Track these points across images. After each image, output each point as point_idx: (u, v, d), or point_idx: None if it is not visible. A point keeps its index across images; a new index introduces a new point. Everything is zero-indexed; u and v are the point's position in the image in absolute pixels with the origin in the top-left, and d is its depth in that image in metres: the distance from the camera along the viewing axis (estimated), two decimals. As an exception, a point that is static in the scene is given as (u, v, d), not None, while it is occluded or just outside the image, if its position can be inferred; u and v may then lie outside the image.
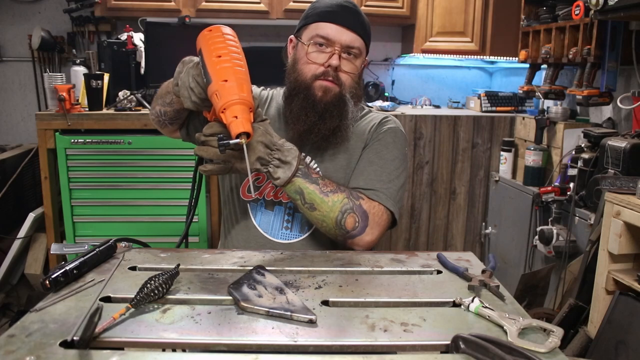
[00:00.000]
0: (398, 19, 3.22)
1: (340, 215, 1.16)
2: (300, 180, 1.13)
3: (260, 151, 1.07)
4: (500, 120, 3.07)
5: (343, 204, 1.16)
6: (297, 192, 1.14)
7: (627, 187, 1.78)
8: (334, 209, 1.16)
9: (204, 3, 2.99)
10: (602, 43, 2.22)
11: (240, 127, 0.94)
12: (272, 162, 1.10)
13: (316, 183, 1.15)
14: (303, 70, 1.24)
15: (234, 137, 0.95)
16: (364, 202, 1.20)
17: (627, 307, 1.73)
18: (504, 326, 0.80)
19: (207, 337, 0.77)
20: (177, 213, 2.59)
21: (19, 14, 3.23)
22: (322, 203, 1.15)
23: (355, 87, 1.27)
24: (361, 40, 1.24)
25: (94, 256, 1.02)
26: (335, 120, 1.24)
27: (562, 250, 2.26)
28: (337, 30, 1.21)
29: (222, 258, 1.10)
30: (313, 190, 1.14)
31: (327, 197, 1.15)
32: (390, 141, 1.31)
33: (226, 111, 0.96)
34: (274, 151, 1.10)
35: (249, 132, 0.95)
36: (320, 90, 1.22)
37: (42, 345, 0.73)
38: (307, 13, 1.29)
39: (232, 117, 0.95)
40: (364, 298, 0.92)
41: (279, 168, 1.11)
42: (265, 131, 1.08)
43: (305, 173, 1.15)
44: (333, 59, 1.21)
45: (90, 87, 2.56)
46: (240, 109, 0.96)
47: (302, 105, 1.23)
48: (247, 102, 0.97)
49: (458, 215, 3.15)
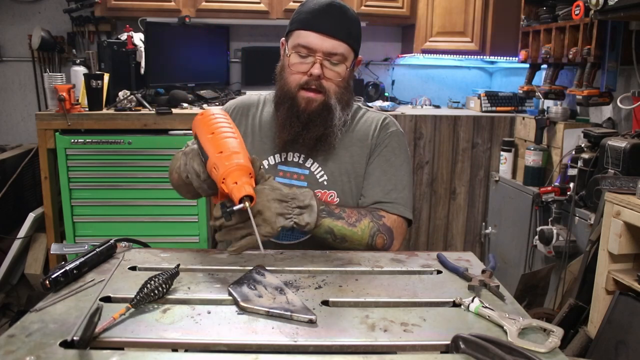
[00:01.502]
0: (398, 19, 3.22)
1: (370, 239, 1.21)
2: (327, 220, 1.16)
3: (277, 208, 1.07)
4: (500, 120, 3.07)
5: (370, 229, 1.21)
6: (327, 232, 1.17)
7: (627, 187, 1.78)
8: (363, 237, 1.20)
9: (204, 3, 2.99)
10: (602, 43, 2.22)
11: (241, 191, 0.95)
12: (293, 212, 1.10)
13: (341, 218, 1.18)
14: (288, 79, 1.25)
15: (236, 202, 0.95)
16: (386, 220, 1.25)
17: (627, 307, 1.73)
18: (504, 326, 0.80)
19: (207, 337, 0.77)
20: (177, 213, 2.58)
21: (19, 14, 3.23)
22: (353, 235, 1.19)
23: (342, 92, 1.26)
24: (344, 45, 1.22)
25: (94, 256, 1.02)
26: (320, 129, 1.24)
27: (562, 250, 2.26)
28: (318, 38, 1.20)
29: (222, 258, 1.10)
30: (342, 226, 1.18)
31: (355, 227, 1.19)
32: (396, 146, 1.33)
33: (226, 180, 0.96)
34: (289, 201, 1.10)
35: (250, 194, 0.95)
36: (304, 101, 1.23)
37: (42, 345, 0.73)
38: (292, 17, 1.28)
39: (232, 184, 0.96)
40: (364, 298, 0.92)
41: (303, 214, 1.12)
42: (272, 188, 1.09)
43: (329, 211, 1.17)
44: (315, 68, 1.21)
45: (90, 87, 2.56)
46: (238, 174, 0.97)
47: (287, 115, 1.24)
48: (244, 167, 0.98)
49: (458, 215, 3.15)
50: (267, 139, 1.32)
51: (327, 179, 1.29)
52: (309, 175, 1.29)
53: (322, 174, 1.29)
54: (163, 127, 2.61)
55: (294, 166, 1.30)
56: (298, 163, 1.30)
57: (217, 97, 3.04)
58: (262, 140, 1.33)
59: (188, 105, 2.81)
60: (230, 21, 3.19)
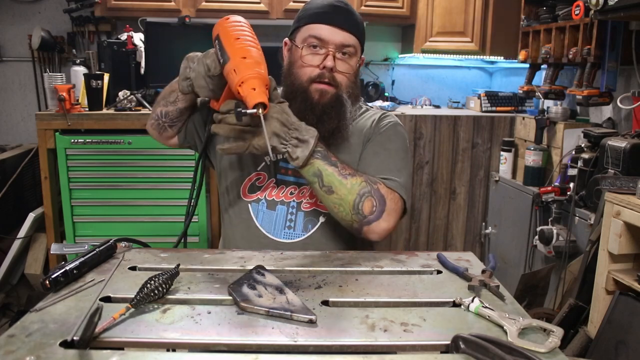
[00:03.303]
0: (398, 19, 3.22)
1: (358, 198, 1.14)
2: (319, 162, 1.12)
3: (277, 128, 1.06)
4: (500, 120, 3.06)
5: (361, 187, 1.15)
6: (315, 175, 1.12)
7: (627, 187, 1.78)
8: (352, 192, 1.14)
9: (204, 3, 2.99)
10: (602, 43, 2.22)
11: (257, 97, 0.96)
12: (290, 141, 1.09)
13: (335, 165, 1.14)
14: (299, 73, 1.24)
15: (250, 107, 0.96)
16: (381, 187, 1.18)
17: (627, 307, 1.73)
18: (504, 326, 0.80)
19: (207, 337, 0.77)
20: (177, 213, 2.58)
21: (19, 14, 3.23)
22: (341, 186, 1.13)
23: (352, 87, 1.27)
24: (355, 38, 1.24)
25: (94, 256, 1.02)
26: (334, 122, 1.23)
27: (562, 250, 2.26)
28: (330, 30, 1.21)
29: (222, 258, 1.10)
30: (332, 173, 1.12)
31: (345, 179, 1.13)
32: (392, 134, 1.31)
33: (243, 84, 0.97)
34: (291, 130, 1.09)
35: (265, 102, 0.97)
36: (317, 93, 1.22)
37: (42, 345, 0.73)
38: (299, 15, 1.28)
39: (249, 89, 0.97)
40: (364, 298, 0.92)
41: (297, 147, 1.09)
42: (282, 110, 1.08)
43: (324, 155, 1.13)
44: (328, 60, 1.21)
45: (90, 87, 2.56)
46: (257, 82, 0.98)
47: (299, 109, 1.22)
48: (264, 77, 0.99)
49: (458, 215, 3.15)
50: None
51: None
52: None
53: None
54: (163, 127, 2.61)
55: None
56: None
57: (217, 97, 3.03)
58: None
59: (188, 105, 2.81)
60: (230, 21, 3.19)
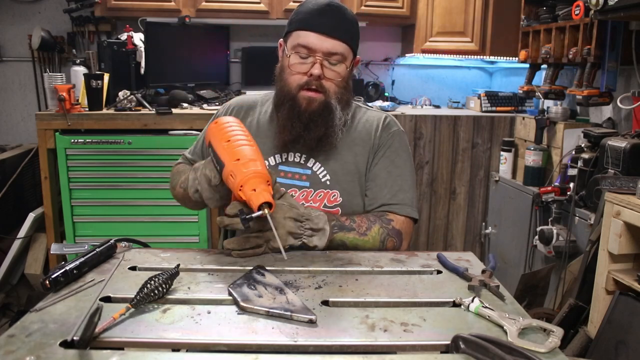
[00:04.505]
0: (398, 19, 3.22)
1: (381, 244, 1.23)
2: (339, 234, 1.18)
3: (291, 226, 1.10)
4: (500, 120, 3.06)
5: (381, 235, 1.23)
6: (339, 245, 1.19)
7: (627, 187, 1.78)
8: (375, 243, 1.22)
9: (204, 3, 2.99)
10: (602, 43, 2.21)
11: (260, 198, 0.95)
12: (304, 233, 1.13)
13: (352, 229, 1.20)
14: (288, 80, 1.25)
15: (255, 210, 0.95)
16: (395, 223, 1.26)
17: (627, 307, 1.73)
18: (504, 326, 0.80)
19: (207, 337, 0.77)
20: (177, 213, 2.58)
21: (19, 14, 3.23)
22: (365, 243, 1.21)
23: (342, 92, 1.27)
24: (344, 44, 1.23)
25: (94, 256, 1.02)
26: (321, 129, 1.25)
27: (562, 250, 2.26)
28: (317, 38, 1.20)
29: (222, 258, 1.09)
30: (353, 237, 1.20)
31: (366, 236, 1.21)
32: (399, 146, 1.34)
33: (244, 187, 0.96)
34: (304, 222, 1.12)
35: (270, 201, 0.95)
36: (305, 100, 1.23)
37: (42, 345, 0.73)
38: (291, 17, 1.28)
39: (250, 191, 0.96)
40: (364, 298, 0.92)
41: (313, 237, 1.14)
42: (290, 205, 1.11)
43: (340, 225, 1.19)
44: (315, 68, 1.21)
45: (90, 87, 2.56)
46: (257, 181, 0.97)
47: (287, 116, 1.24)
48: (262, 174, 0.98)
49: (458, 215, 3.15)
50: (267, 139, 1.32)
51: (329, 179, 1.29)
52: (311, 175, 1.29)
53: (325, 174, 1.29)
54: (163, 127, 2.61)
55: (295, 166, 1.30)
56: (299, 163, 1.30)
57: (217, 97, 3.04)
58: (261, 140, 1.33)
59: (188, 105, 2.81)
60: (230, 21, 3.19)
